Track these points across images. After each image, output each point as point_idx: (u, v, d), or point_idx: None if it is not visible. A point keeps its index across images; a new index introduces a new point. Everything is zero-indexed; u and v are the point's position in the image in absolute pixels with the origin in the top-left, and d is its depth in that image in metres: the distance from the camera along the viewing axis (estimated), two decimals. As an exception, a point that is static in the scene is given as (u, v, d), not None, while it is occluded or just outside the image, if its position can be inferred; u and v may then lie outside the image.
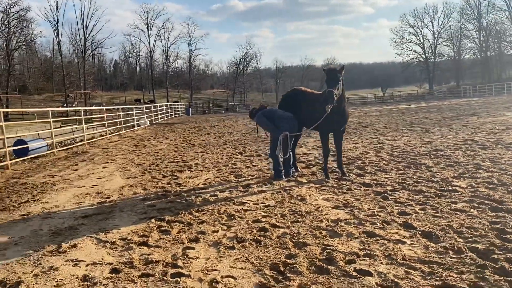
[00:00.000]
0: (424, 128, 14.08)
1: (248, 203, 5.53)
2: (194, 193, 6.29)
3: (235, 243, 4.04)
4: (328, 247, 3.81)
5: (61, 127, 18.36)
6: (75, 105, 56.46)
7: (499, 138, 10.10)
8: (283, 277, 3.25)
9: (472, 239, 3.74)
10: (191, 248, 3.99)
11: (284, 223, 4.61)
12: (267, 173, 7.60)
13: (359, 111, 29.90)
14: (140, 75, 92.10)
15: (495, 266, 3.17)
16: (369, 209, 4.97)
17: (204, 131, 19.23)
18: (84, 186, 7.46)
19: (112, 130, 20.02)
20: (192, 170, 8.49)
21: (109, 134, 18.90)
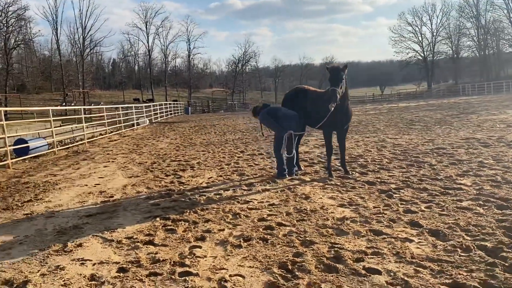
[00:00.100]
0: (425, 126, 14.08)
1: (253, 202, 5.52)
2: (198, 192, 6.28)
3: (241, 241, 4.03)
4: (336, 245, 3.80)
5: (61, 126, 18.29)
6: (73, 104, 56.32)
7: (500, 136, 10.11)
8: (291, 275, 3.24)
9: (480, 237, 3.74)
10: (197, 246, 3.98)
11: (289, 221, 4.60)
12: (270, 171, 7.59)
13: (358, 110, 29.90)
14: (139, 74, 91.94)
15: (505, 264, 3.16)
16: (374, 207, 4.97)
17: (205, 130, 19.20)
18: (86, 185, 7.43)
19: (112, 129, 19.99)
20: (194, 169, 8.47)
21: (109, 133, 18.86)
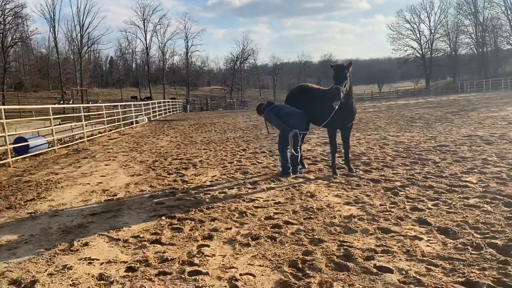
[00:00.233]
0: (426, 123, 14.07)
1: (258, 200, 5.49)
2: (202, 191, 6.25)
3: (250, 240, 4.01)
4: (345, 243, 3.78)
5: (60, 124, 18.21)
6: (71, 102, 56.13)
7: (503, 133, 10.11)
8: (302, 274, 3.21)
9: (490, 234, 3.72)
10: (205, 245, 3.95)
11: (297, 219, 4.58)
12: (273, 169, 7.56)
13: (357, 107, 29.58)
14: (136, 71, 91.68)
15: (517, 262, 3.15)
16: (380, 205, 4.95)
17: (205, 128, 19.15)
18: (88, 184, 7.39)
19: (111, 127, 19.92)
20: (197, 167, 8.43)
21: (108, 131, 18.80)
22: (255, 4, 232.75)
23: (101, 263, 3.64)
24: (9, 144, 10.43)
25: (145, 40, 78.59)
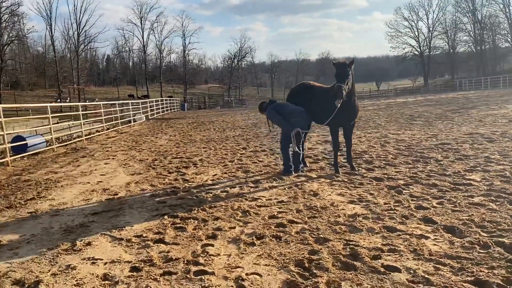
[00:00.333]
0: (426, 121, 14.06)
1: (261, 199, 5.46)
2: (204, 189, 6.20)
3: (254, 239, 3.97)
4: (350, 242, 3.75)
5: (58, 123, 18.13)
6: (68, 100, 55.91)
7: (504, 131, 10.10)
8: (309, 273, 3.18)
9: (497, 233, 3.70)
10: (210, 245, 3.91)
11: (301, 218, 4.54)
12: (275, 168, 7.53)
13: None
14: (133, 69, 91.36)
15: (526, 260, 3.12)
16: (385, 203, 4.92)
17: (203, 127, 19.08)
18: (88, 183, 7.34)
19: (109, 125, 19.83)
20: (197, 166, 8.39)
21: (106, 129, 18.71)
22: (252, 2, 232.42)
23: (105, 263, 3.60)
24: (7, 143, 10.35)
25: (142, 38, 78.43)
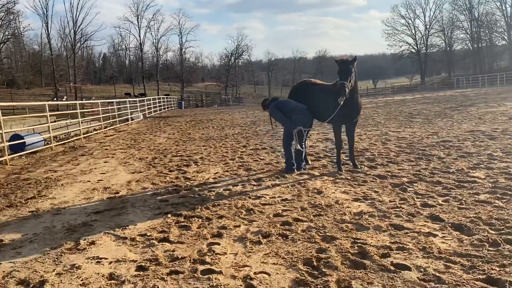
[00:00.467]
0: (426, 119, 14.05)
1: (265, 197, 5.42)
2: (206, 188, 6.16)
3: (260, 237, 3.93)
4: (358, 240, 3.72)
5: (55, 121, 18.02)
6: (65, 99, 55.63)
7: (505, 128, 10.10)
8: (318, 272, 3.15)
9: (505, 231, 3.67)
10: (216, 243, 3.87)
11: (306, 216, 4.51)
12: (277, 166, 7.49)
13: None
14: (130, 68, 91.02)
15: (537, 258, 3.10)
16: (390, 201, 4.89)
17: (202, 125, 19.01)
18: (89, 181, 7.27)
19: (106, 124, 19.73)
20: (198, 164, 8.33)
21: (104, 128, 18.62)
22: (249, 0, 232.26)
23: (110, 262, 3.55)
24: (5, 142, 10.26)
25: (139, 36, 77.88)
